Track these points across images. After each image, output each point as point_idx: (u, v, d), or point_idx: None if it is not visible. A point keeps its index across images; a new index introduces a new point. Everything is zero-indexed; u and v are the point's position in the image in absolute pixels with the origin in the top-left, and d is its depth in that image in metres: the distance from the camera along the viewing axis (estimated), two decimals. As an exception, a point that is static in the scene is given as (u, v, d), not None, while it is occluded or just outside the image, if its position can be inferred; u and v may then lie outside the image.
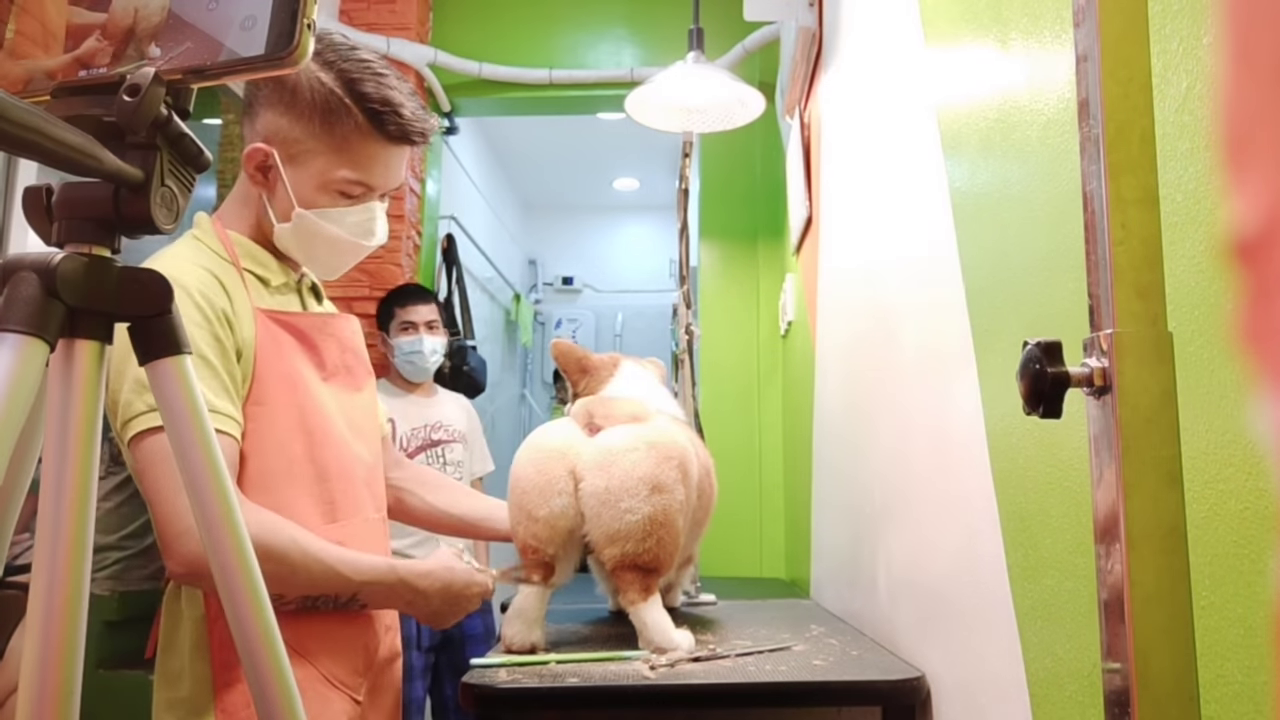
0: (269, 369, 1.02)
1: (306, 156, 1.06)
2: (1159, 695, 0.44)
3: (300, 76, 1.04)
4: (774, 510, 2.94)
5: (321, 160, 1.06)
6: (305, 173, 1.06)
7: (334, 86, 1.05)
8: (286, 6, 0.58)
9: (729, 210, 3.15)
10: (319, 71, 1.05)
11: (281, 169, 1.06)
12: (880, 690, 1.12)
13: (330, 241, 1.10)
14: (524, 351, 5.35)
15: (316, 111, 1.05)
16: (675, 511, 1.23)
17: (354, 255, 1.14)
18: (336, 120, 1.05)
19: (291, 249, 1.11)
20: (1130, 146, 0.47)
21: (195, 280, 0.99)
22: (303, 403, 1.05)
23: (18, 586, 1.12)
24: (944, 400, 1.09)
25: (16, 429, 0.53)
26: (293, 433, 1.03)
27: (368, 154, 1.08)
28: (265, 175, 1.07)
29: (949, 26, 1.08)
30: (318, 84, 1.05)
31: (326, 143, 1.06)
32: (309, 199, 1.07)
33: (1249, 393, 0.18)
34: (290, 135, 1.06)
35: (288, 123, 1.05)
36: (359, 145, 1.07)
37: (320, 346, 1.11)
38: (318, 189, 1.07)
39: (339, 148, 1.06)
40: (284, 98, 1.05)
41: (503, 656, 1.21)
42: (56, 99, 0.60)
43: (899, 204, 1.33)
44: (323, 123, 1.05)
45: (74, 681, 0.54)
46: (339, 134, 1.06)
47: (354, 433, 1.12)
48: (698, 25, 1.92)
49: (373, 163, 1.09)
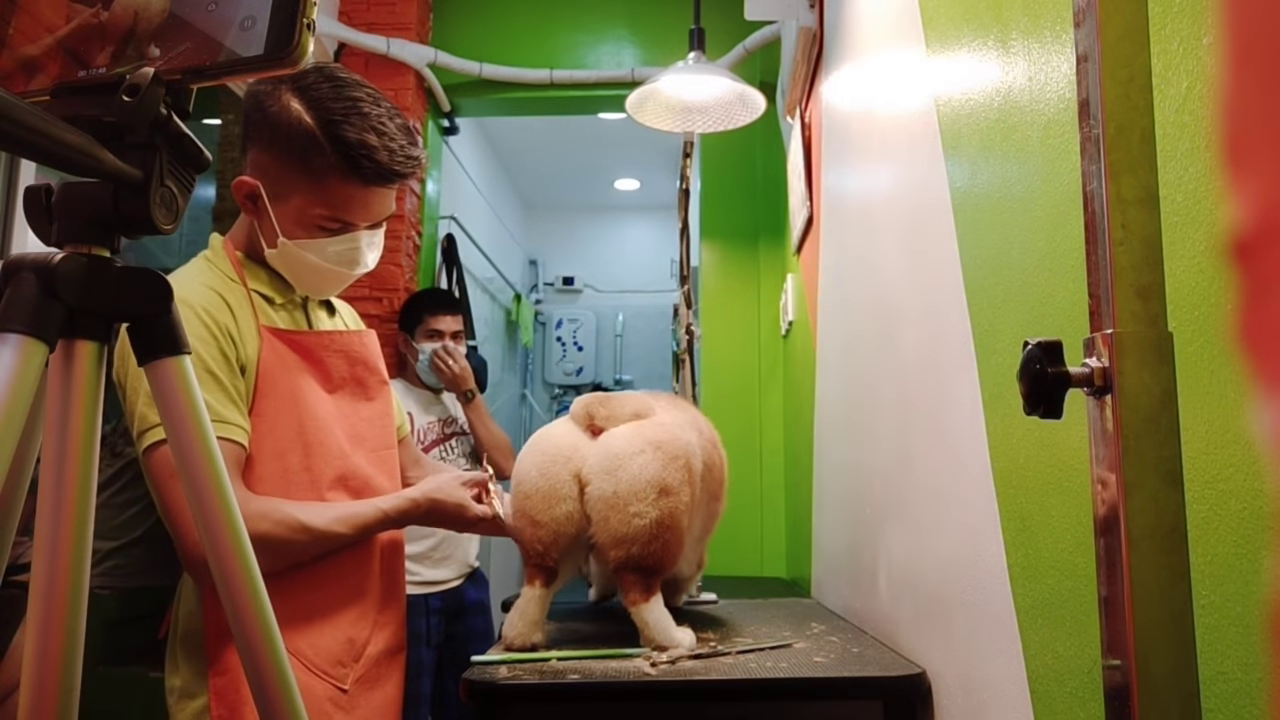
0: (271, 384, 1.07)
1: (287, 192, 1.09)
2: (1159, 691, 0.44)
3: (281, 115, 1.06)
4: (775, 510, 2.94)
5: (299, 198, 1.09)
6: (286, 207, 1.09)
7: (313, 127, 1.06)
8: (286, 7, 0.58)
9: (730, 210, 3.15)
10: (302, 110, 1.06)
11: (267, 201, 1.09)
12: (881, 685, 1.12)
13: (313, 269, 1.13)
14: (525, 352, 5.35)
15: (294, 150, 1.07)
16: (681, 513, 1.23)
17: (339, 282, 1.17)
18: (312, 159, 1.07)
19: (282, 271, 1.15)
20: (1130, 146, 0.47)
21: (200, 298, 1.04)
22: (302, 416, 1.09)
23: (18, 586, 1.12)
24: (944, 400, 1.09)
25: (17, 429, 0.53)
26: (290, 443, 1.08)
27: (344, 194, 1.09)
28: (254, 205, 1.11)
29: (950, 26, 1.08)
30: (297, 123, 1.06)
31: (304, 181, 1.08)
32: (289, 231, 1.10)
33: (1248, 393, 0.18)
34: (270, 171, 1.09)
35: (268, 159, 1.08)
36: (335, 185, 1.08)
37: (325, 362, 1.15)
38: (295, 223, 1.10)
39: (314, 186, 1.08)
40: (265, 134, 1.08)
41: (504, 654, 1.21)
42: (56, 99, 0.60)
43: (900, 204, 1.33)
44: (299, 161, 1.07)
45: (74, 679, 0.54)
46: (315, 173, 1.07)
47: (354, 444, 1.16)
48: (698, 25, 1.92)
49: (349, 202, 1.10)
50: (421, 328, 2.57)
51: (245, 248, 1.15)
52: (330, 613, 1.11)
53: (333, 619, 1.11)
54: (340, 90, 1.08)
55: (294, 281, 1.16)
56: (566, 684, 1.08)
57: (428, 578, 2.38)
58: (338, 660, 1.10)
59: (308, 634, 1.07)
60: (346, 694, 1.10)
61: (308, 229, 1.10)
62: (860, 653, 1.25)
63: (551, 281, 5.67)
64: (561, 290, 5.66)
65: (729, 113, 1.93)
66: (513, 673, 1.12)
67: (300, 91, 1.07)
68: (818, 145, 2.11)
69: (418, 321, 2.59)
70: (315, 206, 1.09)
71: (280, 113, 1.06)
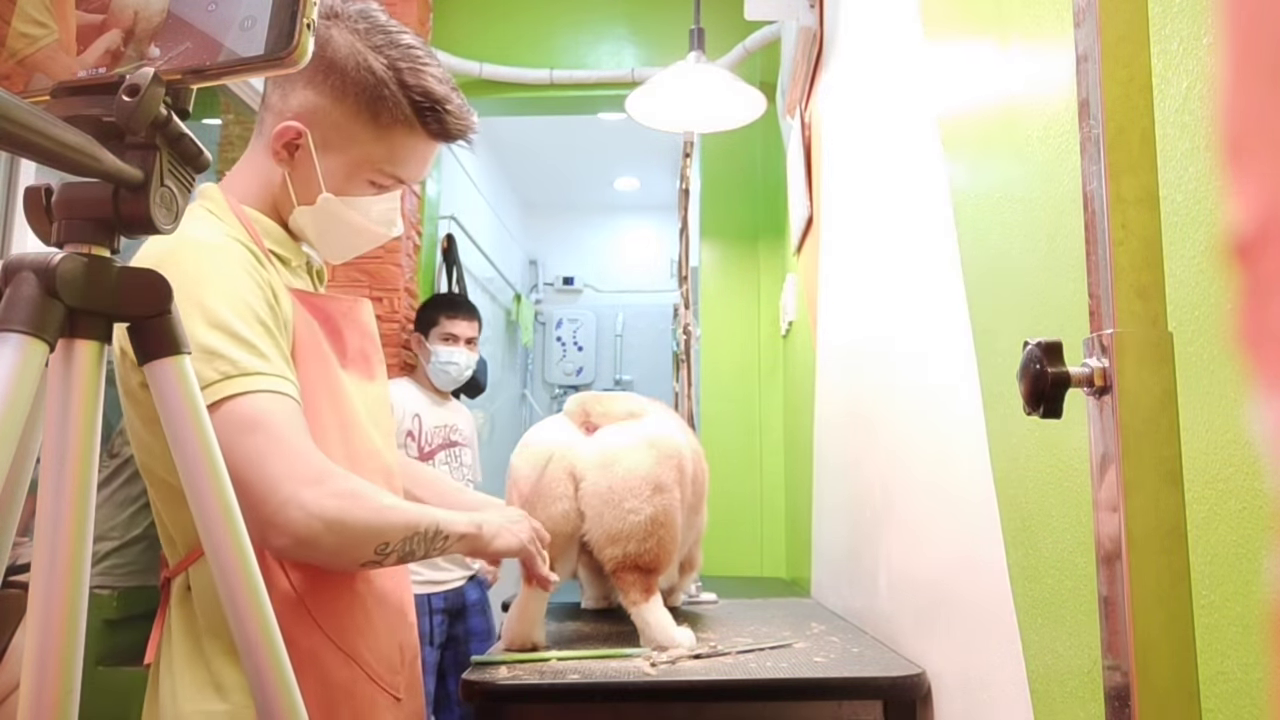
0: (304, 355, 0.96)
1: (344, 142, 1.01)
2: (1159, 691, 0.44)
3: (349, 59, 0.98)
4: (775, 509, 2.94)
5: (359, 149, 1.01)
6: (340, 158, 1.01)
7: (385, 74, 0.99)
8: (286, 7, 0.58)
9: (730, 210, 3.15)
10: (369, 56, 0.99)
11: (313, 151, 0.99)
12: (881, 686, 1.12)
13: (352, 228, 1.05)
14: (525, 352, 5.35)
15: (364, 99, 0.99)
16: (675, 511, 1.23)
17: (371, 243, 1.09)
18: (382, 110, 1.00)
19: (306, 230, 1.04)
20: (1130, 146, 0.47)
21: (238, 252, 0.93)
22: (335, 393, 0.98)
23: (18, 586, 1.12)
24: (944, 400, 1.09)
25: (17, 429, 0.53)
26: (329, 419, 0.96)
27: (408, 148, 1.03)
28: (291, 154, 1.00)
29: (950, 26, 1.08)
30: (367, 70, 0.99)
31: (370, 132, 1.00)
32: (338, 185, 1.01)
33: (1248, 393, 0.18)
34: (330, 118, 0.99)
35: (329, 104, 0.99)
36: (402, 138, 1.02)
37: (344, 332, 1.04)
38: (349, 176, 1.02)
39: (380, 138, 1.01)
40: (330, 79, 0.98)
41: (504, 654, 1.21)
42: (56, 99, 0.60)
43: (900, 204, 1.33)
44: (369, 111, 0.99)
45: (74, 679, 0.54)
46: (383, 124, 1.00)
47: (372, 423, 1.05)
48: (698, 25, 1.92)
49: (411, 156, 1.04)
50: (437, 329, 2.57)
51: (256, 202, 1.02)
52: (386, 616, 1.02)
53: (389, 622, 1.02)
54: (400, 37, 1.02)
55: (317, 242, 1.05)
56: (566, 684, 1.08)
57: (430, 577, 2.38)
58: (393, 667, 1.01)
59: (368, 638, 0.97)
60: (400, 702, 1.00)
61: (359, 183, 1.02)
62: (860, 653, 1.25)
63: (551, 281, 5.67)
64: (561, 290, 5.66)
65: (729, 113, 1.94)
66: (513, 673, 1.12)
67: (362, 35, 1.00)
68: (818, 145, 2.11)
69: (433, 323, 2.59)
70: (376, 159, 1.01)
71: (349, 56, 0.98)
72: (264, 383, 0.85)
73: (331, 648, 0.92)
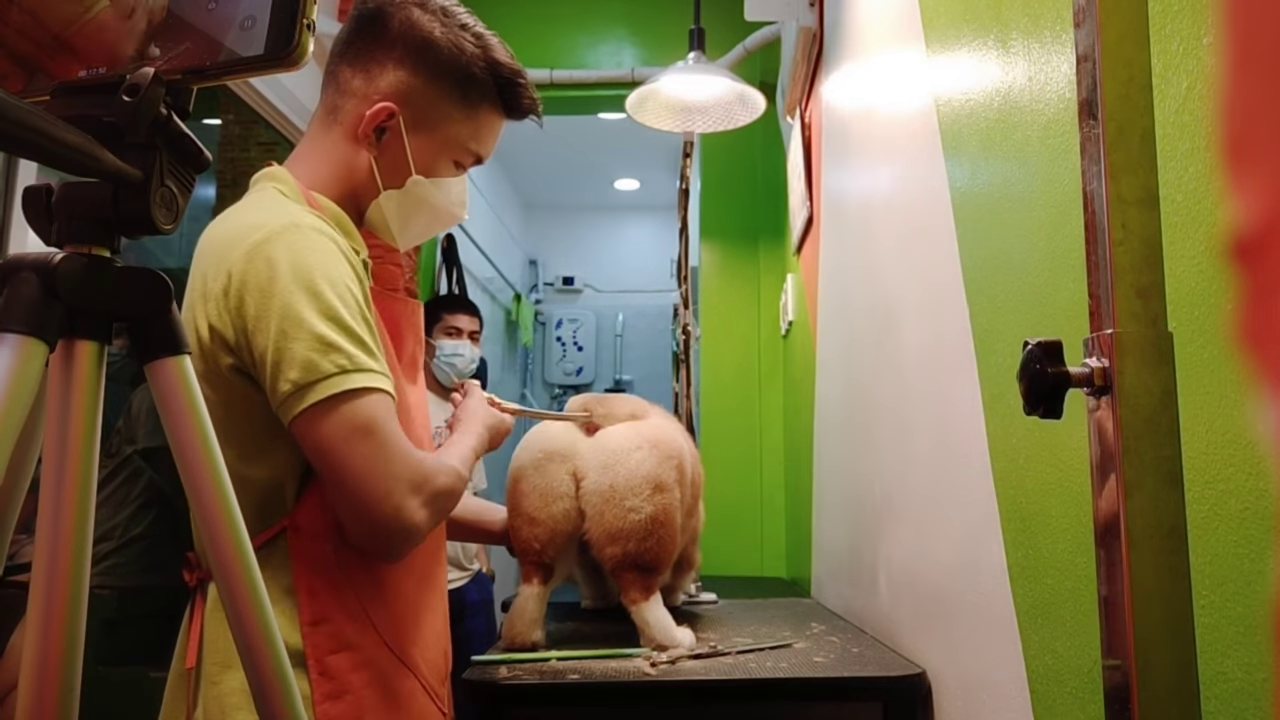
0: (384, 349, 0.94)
1: (438, 122, 1.00)
2: (1159, 692, 0.44)
3: (443, 39, 0.98)
4: (775, 509, 2.94)
5: (452, 128, 1.00)
6: (429, 139, 1.00)
7: (474, 53, 0.99)
8: (286, 7, 0.58)
9: (730, 210, 3.15)
10: (461, 34, 0.99)
11: (403, 132, 0.98)
12: (881, 686, 1.12)
13: (432, 211, 1.03)
14: (524, 352, 5.35)
15: (456, 77, 0.99)
16: (675, 510, 1.24)
17: (446, 226, 1.08)
18: (472, 88, 1.00)
19: (389, 215, 1.01)
20: (1130, 146, 0.47)
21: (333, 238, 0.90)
22: (404, 396, 0.95)
23: (18, 585, 1.12)
24: (944, 400, 1.09)
25: (16, 429, 0.53)
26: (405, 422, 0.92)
27: (490, 125, 1.04)
28: (380, 137, 0.97)
29: (950, 26, 1.08)
30: (458, 49, 0.99)
31: (461, 110, 1.00)
32: (428, 166, 1.00)
33: (1249, 393, 0.18)
34: (425, 98, 0.98)
35: (423, 83, 0.98)
36: (486, 116, 1.03)
37: (405, 335, 1.03)
38: (436, 155, 1.01)
39: (469, 117, 1.01)
40: (425, 58, 0.98)
41: (503, 654, 1.21)
42: (56, 99, 0.60)
43: (900, 204, 1.33)
44: (460, 90, 0.99)
45: (74, 679, 0.54)
46: (471, 102, 1.00)
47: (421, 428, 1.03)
48: (698, 25, 1.92)
49: (490, 134, 1.04)
50: (439, 325, 2.58)
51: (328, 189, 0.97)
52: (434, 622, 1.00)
53: (437, 629, 1.00)
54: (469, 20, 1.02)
55: (398, 229, 1.02)
56: (566, 684, 1.08)
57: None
58: (442, 678, 0.99)
59: (419, 645, 0.95)
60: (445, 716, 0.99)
61: (447, 163, 1.02)
62: (860, 653, 1.25)
63: (551, 281, 5.67)
64: (561, 290, 5.66)
65: (729, 113, 1.94)
66: (512, 673, 1.12)
67: (440, 16, 0.99)
68: (818, 145, 2.11)
69: (435, 319, 2.59)
70: (465, 138, 1.01)
71: (442, 36, 0.98)
72: (375, 380, 0.85)
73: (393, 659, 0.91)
